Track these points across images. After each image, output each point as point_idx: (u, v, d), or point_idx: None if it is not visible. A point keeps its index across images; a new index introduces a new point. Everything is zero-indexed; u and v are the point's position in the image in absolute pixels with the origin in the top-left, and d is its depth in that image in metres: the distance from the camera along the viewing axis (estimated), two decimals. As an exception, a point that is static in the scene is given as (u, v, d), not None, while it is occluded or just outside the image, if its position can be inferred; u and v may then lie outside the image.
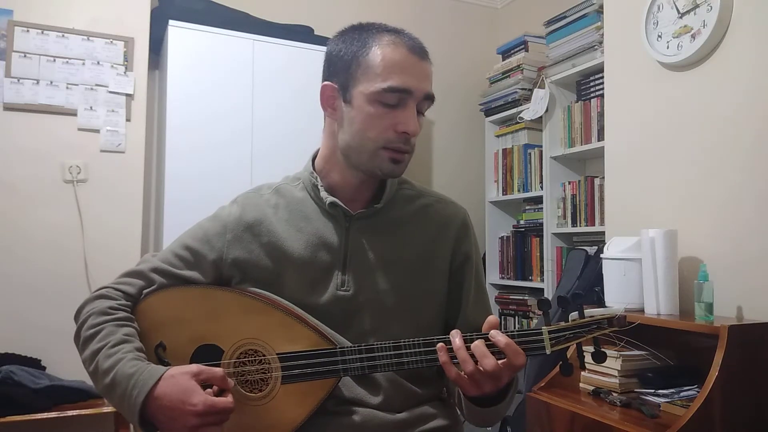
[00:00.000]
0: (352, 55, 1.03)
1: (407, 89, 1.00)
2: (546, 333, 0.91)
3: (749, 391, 1.52)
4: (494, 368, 0.88)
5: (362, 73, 1.01)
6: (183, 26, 2.58)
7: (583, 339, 0.92)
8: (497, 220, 3.37)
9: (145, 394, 0.90)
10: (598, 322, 0.92)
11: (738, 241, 1.73)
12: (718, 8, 1.75)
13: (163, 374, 0.92)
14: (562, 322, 0.93)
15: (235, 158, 2.63)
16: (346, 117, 1.04)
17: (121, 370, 0.93)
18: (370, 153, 1.03)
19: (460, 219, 1.15)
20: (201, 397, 0.89)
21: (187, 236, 1.12)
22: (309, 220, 1.10)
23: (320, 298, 1.05)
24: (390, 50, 1.01)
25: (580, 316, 0.93)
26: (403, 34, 1.04)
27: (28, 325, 2.35)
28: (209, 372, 0.93)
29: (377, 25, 1.06)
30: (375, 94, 1.00)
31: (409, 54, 1.02)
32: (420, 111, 1.05)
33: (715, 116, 1.81)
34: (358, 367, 0.97)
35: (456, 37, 3.63)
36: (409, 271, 1.09)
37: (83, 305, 1.06)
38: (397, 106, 1.01)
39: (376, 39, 1.02)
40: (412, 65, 1.01)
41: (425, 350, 0.95)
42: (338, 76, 1.05)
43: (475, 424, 1.10)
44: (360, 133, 1.02)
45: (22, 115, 2.41)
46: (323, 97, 1.08)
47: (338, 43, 1.07)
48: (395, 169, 1.04)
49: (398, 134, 1.01)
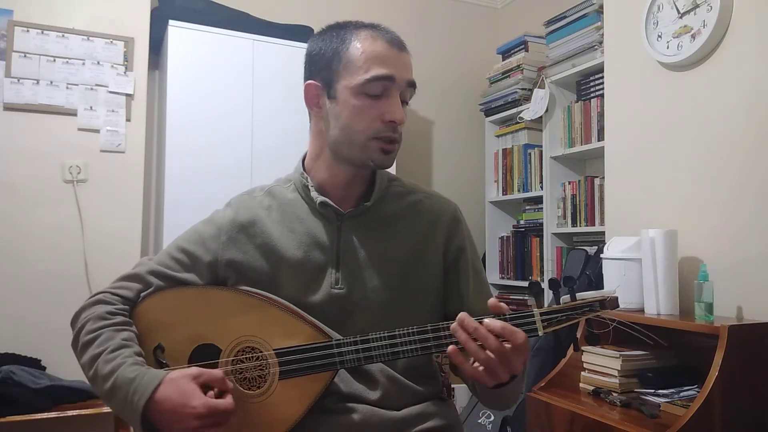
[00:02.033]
0: (332, 52, 1.05)
1: (390, 76, 1.02)
2: (537, 315, 0.91)
3: (749, 391, 1.52)
4: (498, 347, 0.87)
5: (344, 68, 1.04)
6: (183, 26, 2.58)
7: (576, 321, 0.92)
8: (497, 220, 3.37)
9: (146, 399, 0.90)
10: (590, 304, 0.92)
11: (738, 241, 1.73)
12: (718, 8, 1.75)
13: (163, 378, 0.92)
14: (554, 305, 0.93)
15: (235, 158, 2.63)
16: (332, 113, 1.06)
17: (121, 375, 0.93)
18: (360, 145, 1.04)
19: (450, 214, 1.16)
20: (201, 400, 0.90)
21: (183, 239, 1.13)
22: (301, 220, 1.11)
23: (315, 297, 1.06)
24: (369, 43, 1.03)
25: (572, 299, 0.93)
26: (380, 28, 1.07)
27: (28, 325, 2.35)
28: (209, 374, 0.94)
29: (354, 22, 1.08)
30: (359, 86, 1.02)
31: (388, 45, 1.04)
32: (404, 100, 1.06)
33: (715, 116, 1.81)
34: (354, 359, 0.97)
35: (456, 37, 3.63)
36: (402, 267, 1.09)
37: (80, 311, 1.05)
38: (382, 96, 1.03)
39: (355, 34, 1.05)
40: (393, 55, 1.04)
41: (419, 338, 0.95)
42: (321, 74, 1.07)
43: (494, 408, 1.13)
44: (348, 127, 1.04)
45: (22, 115, 2.41)
46: (307, 96, 1.10)
47: (317, 42, 1.09)
48: (386, 159, 1.06)
49: (386, 123, 1.03)
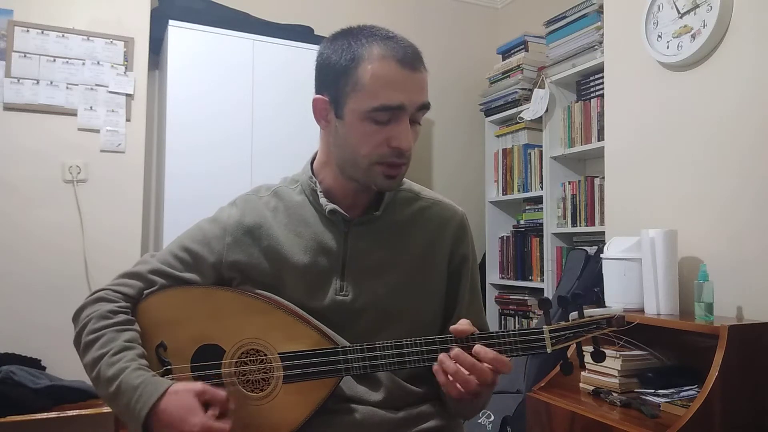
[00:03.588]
0: (341, 69, 1.00)
1: (399, 106, 0.98)
2: (547, 332, 0.93)
3: (749, 391, 1.52)
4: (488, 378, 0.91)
5: (352, 89, 0.99)
6: (183, 26, 2.58)
7: (583, 338, 0.94)
8: (497, 220, 3.37)
9: (148, 408, 0.90)
10: (597, 321, 0.94)
11: (738, 241, 1.73)
12: (718, 8, 1.75)
13: (167, 389, 0.92)
14: (562, 322, 0.95)
15: (235, 158, 2.63)
16: (340, 132, 1.03)
17: (125, 380, 0.93)
18: (364, 169, 1.02)
19: (457, 221, 1.15)
20: (200, 419, 0.90)
21: (187, 238, 1.12)
22: (308, 224, 1.09)
23: (319, 303, 1.06)
24: (379, 66, 0.97)
25: (580, 316, 0.94)
26: (395, 42, 0.99)
27: (28, 325, 2.35)
28: (212, 393, 0.93)
29: (367, 31, 1.01)
30: (366, 113, 0.98)
31: (399, 68, 0.97)
32: (415, 121, 1.02)
33: (715, 116, 1.81)
34: (360, 366, 0.97)
35: (456, 37, 3.63)
36: (407, 275, 1.09)
37: (82, 308, 1.05)
38: (390, 121, 0.99)
39: (367, 51, 0.98)
40: (403, 80, 0.98)
41: (427, 349, 0.95)
42: (329, 90, 1.03)
43: (461, 417, 1.15)
44: (353, 150, 1.01)
45: (22, 115, 2.41)
46: (316, 110, 1.06)
47: (328, 51, 1.03)
48: (390, 184, 1.04)
49: (391, 149, 1.00)
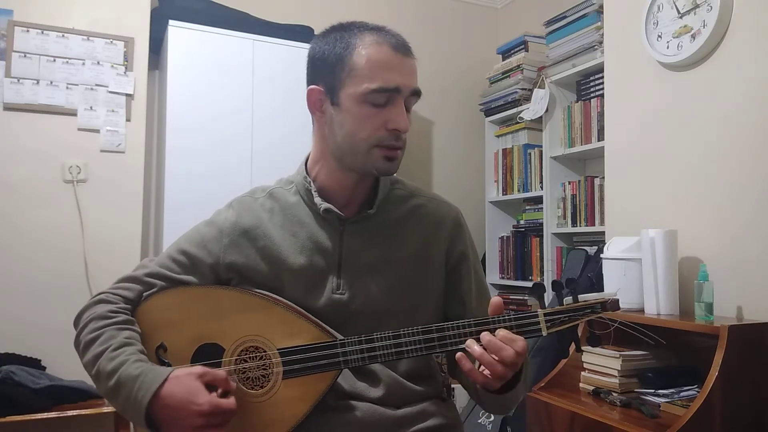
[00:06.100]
0: (336, 58, 1.03)
1: (395, 88, 1.01)
2: (542, 316, 0.94)
3: (749, 391, 1.52)
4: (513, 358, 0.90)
5: (348, 75, 1.01)
6: (183, 26, 2.58)
7: (578, 322, 0.95)
8: (497, 220, 3.37)
9: (151, 394, 0.91)
10: (591, 306, 0.95)
11: (738, 241, 1.73)
12: (718, 8, 1.75)
13: (168, 375, 0.93)
14: (557, 306, 0.96)
15: (235, 158, 2.63)
16: (336, 120, 1.04)
17: (125, 372, 0.93)
18: (363, 153, 1.03)
19: (452, 218, 1.16)
20: (207, 398, 0.91)
21: (184, 241, 1.13)
22: (303, 224, 1.10)
23: (316, 302, 1.06)
24: (374, 50, 1.01)
25: (574, 301, 0.96)
26: (385, 32, 1.04)
27: (28, 325, 2.35)
28: (213, 374, 0.94)
29: (358, 24, 1.06)
30: (363, 96, 1.00)
31: (393, 52, 1.02)
32: (407, 107, 1.05)
33: (715, 116, 1.81)
34: (358, 358, 0.97)
35: (456, 37, 3.63)
36: (403, 272, 1.09)
37: (83, 311, 1.06)
38: (386, 104, 1.01)
39: (359, 39, 1.02)
40: (397, 63, 1.02)
41: (424, 338, 0.96)
42: (324, 80, 1.05)
43: (497, 412, 1.14)
44: (351, 135, 1.03)
45: (22, 115, 2.41)
46: (310, 101, 1.08)
47: (320, 45, 1.07)
48: (390, 167, 1.05)
49: (389, 132, 1.02)
